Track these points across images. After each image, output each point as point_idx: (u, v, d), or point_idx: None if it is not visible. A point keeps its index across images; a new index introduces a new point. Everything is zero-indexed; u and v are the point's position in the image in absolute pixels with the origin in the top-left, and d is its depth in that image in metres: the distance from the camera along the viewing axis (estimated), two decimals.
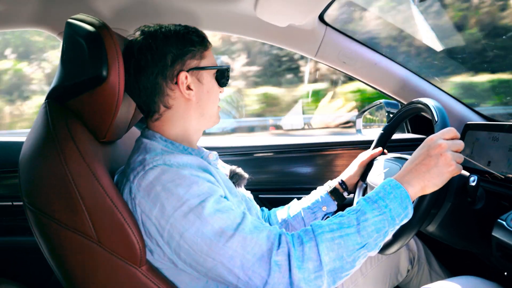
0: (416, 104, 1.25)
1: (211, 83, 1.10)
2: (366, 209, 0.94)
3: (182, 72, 1.04)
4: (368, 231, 0.91)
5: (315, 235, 0.91)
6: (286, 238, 0.91)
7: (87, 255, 0.92)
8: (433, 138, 0.99)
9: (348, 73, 1.78)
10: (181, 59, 1.05)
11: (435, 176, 0.95)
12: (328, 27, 1.67)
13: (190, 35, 1.06)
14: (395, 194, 0.94)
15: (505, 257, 1.02)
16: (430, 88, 1.77)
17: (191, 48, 1.05)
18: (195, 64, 1.06)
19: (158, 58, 1.02)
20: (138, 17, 1.58)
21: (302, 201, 1.44)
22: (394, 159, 1.30)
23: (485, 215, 1.10)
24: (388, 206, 0.93)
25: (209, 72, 1.10)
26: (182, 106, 1.07)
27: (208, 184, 0.96)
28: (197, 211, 0.90)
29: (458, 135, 1.00)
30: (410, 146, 1.79)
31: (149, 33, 1.05)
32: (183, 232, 0.90)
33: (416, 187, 0.96)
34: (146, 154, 1.00)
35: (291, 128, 4.35)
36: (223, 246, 0.89)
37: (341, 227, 0.92)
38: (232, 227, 0.91)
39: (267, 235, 0.92)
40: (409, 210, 0.95)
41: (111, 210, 0.91)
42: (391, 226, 0.94)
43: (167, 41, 1.03)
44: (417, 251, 1.52)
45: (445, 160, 0.95)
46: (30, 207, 0.93)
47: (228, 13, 1.59)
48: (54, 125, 0.95)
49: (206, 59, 1.09)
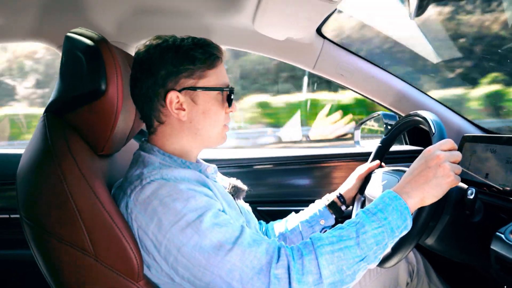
0: (414, 116, 1.26)
1: (209, 104, 1.06)
2: (366, 221, 0.93)
3: (173, 91, 1.01)
4: (367, 243, 0.91)
5: (315, 248, 0.91)
6: (286, 251, 0.91)
7: (84, 270, 0.91)
8: (431, 150, 0.99)
9: (346, 85, 1.79)
10: (175, 77, 1.02)
11: (434, 187, 0.95)
12: (326, 40, 1.69)
13: (194, 51, 1.02)
14: (394, 206, 0.94)
15: (504, 270, 1.02)
16: (428, 100, 1.78)
17: (189, 67, 1.02)
18: (190, 84, 1.03)
19: (150, 73, 1.01)
20: (138, 30, 1.60)
21: (300, 215, 1.44)
22: (392, 172, 1.30)
23: (484, 228, 1.09)
24: (388, 218, 0.93)
25: (208, 93, 1.06)
26: (175, 123, 1.06)
27: (205, 198, 0.95)
28: (194, 226, 0.90)
29: (455, 146, 1.00)
30: (408, 158, 1.80)
31: (151, 46, 1.04)
32: (180, 247, 0.90)
33: (415, 199, 0.96)
34: (143, 168, 1.00)
35: (289, 140, 4.36)
36: (221, 259, 0.88)
37: (340, 239, 0.91)
38: (231, 241, 0.90)
39: (266, 248, 0.91)
40: (408, 222, 0.95)
41: (108, 224, 0.90)
42: (391, 238, 0.93)
43: (163, 57, 1.01)
44: (416, 264, 1.51)
45: (443, 171, 0.95)
46: (27, 220, 0.93)
47: (227, 26, 1.61)
48: (52, 138, 0.95)
49: (208, 78, 1.05)
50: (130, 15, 1.55)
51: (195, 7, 1.54)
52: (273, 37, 1.59)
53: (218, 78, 1.07)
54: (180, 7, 1.54)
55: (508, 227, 1.02)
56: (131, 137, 1.23)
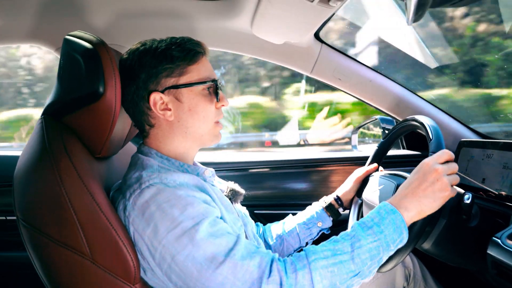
0: (411, 121, 1.26)
1: (194, 100, 1.05)
2: (361, 235, 0.93)
3: (155, 92, 1.01)
4: (362, 258, 0.91)
5: (309, 262, 0.90)
6: (278, 266, 0.90)
7: (80, 272, 0.91)
8: (429, 163, 0.99)
9: (344, 89, 1.80)
10: (155, 78, 1.02)
11: (431, 201, 0.96)
12: (324, 45, 1.69)
13: (171, 50, 1.01)
14: (390, 220, 0.94)
15: (500, 275, 1.02)
16: (425, 105, 1.79)
17: (167, 66, 1.01)
18: (172, 83, 1.02)
19: (132, 78, 1.01)
20: (135, 33, 1.60)
21: (297, 217, 1.44)
22: (389, 176, 1.31)
23: (480, 233, 1.10)
24: (383, 232, 0.93)
25: (192, 89, 1.05)
26: (164, 125, 1.06)
27: (203, 205, 0.95)
28: (190, 234, 0.89)
29: (452, 156, 1.00)
30: (405, 162, 1.80)
31: (131, 52, 1.04)
32: (174, 255, 0.89)
33: (412, 212, 0.96)
34: (142, 170, 1.00)
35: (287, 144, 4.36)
36: (213, 272, 0.88)
37: (335, 254, 0.91)
38: (224, 253, 0.89)
39: (259, 262, 0.90)
40: (404, 236, 0.95)
41: (105, 227, 0.90)
42: (386, 252, 0.94)
43: (141, 60, 1.01)
44: (412, 268, 1.52)
45: (441, 185, 0.96)
46: (24, 223, 0.92)
47: (225, 30, 1.61)
48: (50, 140, 0.95)
49: (190, 74, 1.04)
50: (127, 18, 1.55)
51: (193, 10, 1.55)
52: (271, 41, 1.60)
53: (201, 73, 1.05)
54: (178, 10, 1.54)
55: (505, 232, 1.03)
56: (129, 139, 1.23)
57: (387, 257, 0.95)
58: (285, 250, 1.42)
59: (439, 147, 1.04)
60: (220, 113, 1.11)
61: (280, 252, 1.41)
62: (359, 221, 0.97)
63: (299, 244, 1.42)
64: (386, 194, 1.23)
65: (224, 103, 1.10)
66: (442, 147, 1.05)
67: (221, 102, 1.09)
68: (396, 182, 1.22)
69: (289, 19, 1.38)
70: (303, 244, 1.42)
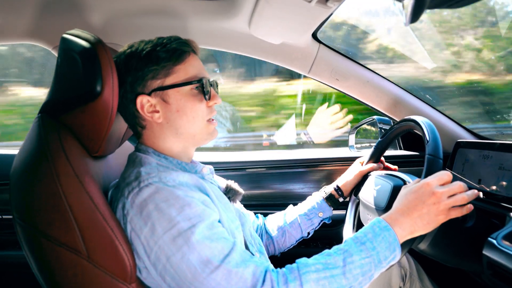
0: (408, 122, 1.27)
1: (182, 101, 1.03)
2: (353, 250, 0.94)
3: (141, 95, 1.01)
4: (353, 273, 0.91)
5: (300, 274, 0.91)
6: (271, 276, 0.91)
7: (76, 271, 0.91)
8: (430, 185, 0.99)
9: (341, 90, 1.80)
10: (142, 81, 1.01)
11: (425, 223, 0.97)
12: (321, 45, 1.70)
13: (156, 52, 1.01)
14: (383, 236, 0.95)
15: (496, 275, 1.02)
16: (422, 105, 1.79)
17: (153, 68, 1.01)
18: (158, 84, 1.02)
19: (121, 82, 1.01)
20: (133, 32, 1.59)
21: (298, 208, 1.46)
22: (386, 176, 1.31)
23: (476, 233, 1.10)
24: (376, 248, 0.94)
25: (179, 89, 1.03)
26: (154, 126, 1.06)
27: (201, 207, 0.95)
28: (185, 236, 0.89)
29: (451, 178, 1.01)
30: (402, 163, 1.80)
31: (119, 55, 1.04)
32: (170, 256, 0.89)
33: (406, 231, 0.97)
34: (141, 167, 1.00)
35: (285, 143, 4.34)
36: (206, 276, 0.88)
37: (326, 268, 0.92)
38: (219, 258, 0.90)
39: (253, 270, 0.91)
40: (397, 253, 0.96)
41: (102, 226, 0.90)
42: (378, 269, 0.94)
43: (127, 64, 1.01)
44: (408, 268, 1.52)
45: (437, 209, 0.97)
46: (20, 221, 0.92)
47: (223, 29, 1.61)
48: (47, 139, 0.95)
49: (176, 74, 1.03)
50: (125, 17, 1.55)
51: (191, 9, 1.54)
52: (269, 41, 1.60)
53: (188, 72, 1.04)
54: (176, 10, 1.54)
55: (500, 232, 1.03)
56: (126, 138, 1.23)
57: (378, 273, 0.95)
58: (287, 241, 1.44)
59: (437, 149, 1.05)
60: (212, 111, 1.10)
61: (282, 243, 1.44)
62: (353, 236, 0.98)
63: (301, 235, 1.44)
64: (383, 194, 1.24)
65: (216, 101, 1.09)
66: (439, 148, 1.06)
67: (213, 100, 1.08)
68: (393, 183, 1.23)
69: (287, 19, 1.38)
70: (305, 234, 1.44)
